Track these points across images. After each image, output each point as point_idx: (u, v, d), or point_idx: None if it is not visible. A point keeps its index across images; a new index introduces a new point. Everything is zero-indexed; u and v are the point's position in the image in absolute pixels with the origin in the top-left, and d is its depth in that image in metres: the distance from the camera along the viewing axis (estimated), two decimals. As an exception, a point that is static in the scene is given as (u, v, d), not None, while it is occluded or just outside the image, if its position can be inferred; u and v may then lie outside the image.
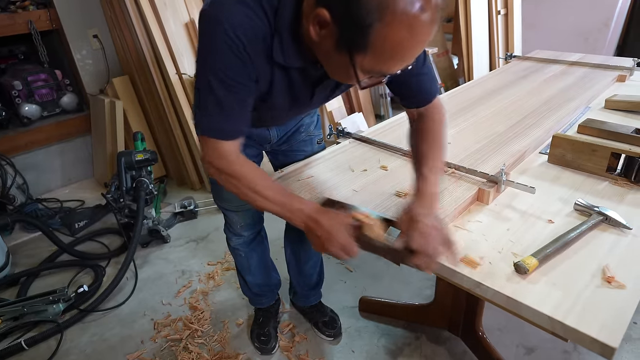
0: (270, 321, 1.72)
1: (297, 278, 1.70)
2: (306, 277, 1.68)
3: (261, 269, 1.61)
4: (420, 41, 0.73)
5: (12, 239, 2.51)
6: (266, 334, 1.67)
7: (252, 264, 1.57)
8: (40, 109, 2.92)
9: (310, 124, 1.36)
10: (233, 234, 1.48)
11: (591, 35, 3.86)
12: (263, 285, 1.65)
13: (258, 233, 1.53)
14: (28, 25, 2.72)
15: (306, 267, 1.64)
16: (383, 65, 0.76)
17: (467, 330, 1.57)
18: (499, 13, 3.71)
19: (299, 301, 1.79)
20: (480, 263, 0.85)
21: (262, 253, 1.59)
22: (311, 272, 1.67)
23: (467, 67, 3.77)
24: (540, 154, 1.29)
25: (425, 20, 0.69)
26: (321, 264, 1.71)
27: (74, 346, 1.75)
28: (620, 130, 1.30)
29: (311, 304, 1.76)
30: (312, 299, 1.75)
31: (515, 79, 1.93)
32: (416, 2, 0.67)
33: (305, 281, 1.69)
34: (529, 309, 0.75)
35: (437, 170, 0.95)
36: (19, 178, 2.77)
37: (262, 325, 1.70)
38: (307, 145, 1.37)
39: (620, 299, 0.75)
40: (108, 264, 2.24)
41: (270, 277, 1.67)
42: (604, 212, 0.94)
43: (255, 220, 1.46)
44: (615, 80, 1.85)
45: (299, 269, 1.65)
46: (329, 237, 0.85)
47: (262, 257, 1.59)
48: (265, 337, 1.66)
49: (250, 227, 1.46)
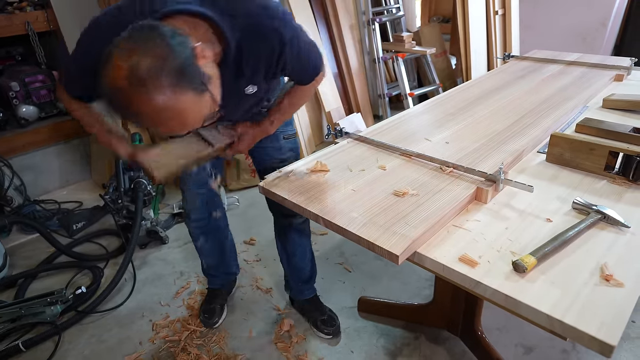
0: (217, 299, 1.85)
1: (289, 272, 1.76)
2: (297, 271, 1.73)
3: (214, 253, 1.77)
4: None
5: (10, 241, 2.50)
6: (210, 310, 1.81)
7: (204, 248, 1.72)
8: (38, 110, 2.91)
9: None
10: (187, 216, 1.64)
11: (589, 35, 3.87)
12: (216, 268, 1.82)
13: (208, 220, 1.64)
14: (25, 26, 2.72)
15: (294, 260, 1.70)
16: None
17: (466, 330, 1.57)
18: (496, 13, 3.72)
19: (294, 295, 1.83)
20: (479, 262, 0.85)
21: (217, 238, 1.73)
22: (301, 265, 1.71)
23: (465, 67, 3.78)
24: (538, 153, 1.29)
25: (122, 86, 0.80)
26: (312, 257, 1.75)
27: (72, 348, 1.75)
28: (618, 129, 1.30)
29: (305, 297, 1.79)
30: (306, 293, 1.79)
31: (513, 79, 1.93)
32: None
33: (296, 274, 1.74)
34: (528, 307, 0.74)
35: (282, 118, 1.30)
36: (17, 179, 2.76)
37: (209, 301, 1.85)
38: (274, 142, 1.44)
39: (619, 297, 0.75)
40: (106, 266, 2.24)
41: (225, 263, 1.83)
42: (602, 210, 0.94)
43: (199, 205, 1.58)
44: (613, 80, 1.85)
45: (289, 262, 1.71)
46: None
47: (215, 243, 1.74)
48: (209, 313, 1.81)
49: (197, 211, 1.59)
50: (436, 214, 0.96)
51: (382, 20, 3.62)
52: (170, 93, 0.80)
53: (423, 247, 0.91)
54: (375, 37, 3.61)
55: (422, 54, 3.68)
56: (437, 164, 1.19)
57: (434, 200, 1.02)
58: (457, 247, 0.90)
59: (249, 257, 2.20)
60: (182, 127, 0.88)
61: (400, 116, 1.60)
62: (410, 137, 1.39)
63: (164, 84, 0.78)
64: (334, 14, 3.47)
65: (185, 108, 0.84)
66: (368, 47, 3.71)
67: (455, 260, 0.86)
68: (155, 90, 0.78)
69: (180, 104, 0.82)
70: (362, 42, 3.70)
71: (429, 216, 0.96)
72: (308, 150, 3.35)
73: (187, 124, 0.88)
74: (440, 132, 1.41)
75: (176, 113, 0.83)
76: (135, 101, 0.79)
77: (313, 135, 3.43)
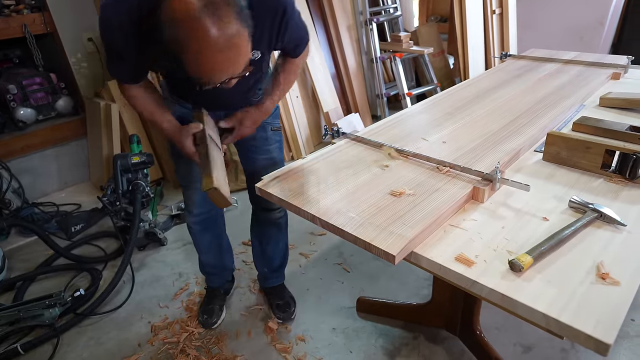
0: (216, 299, 1.86)
1: (260, 260, 1.81)
2: (268, 260, 1.79)
3: (213, 249, 1.76)
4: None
5: (8, 244, 2.49)
6: (209, 311, 1.82)
7: (204, 243, 1.72)
8: (36, 112, 2.91)
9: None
10: (188, 212, 1.64)
11: (586, 34, 3.88)
12: (214, 265, 1.82)
13: (210, 214, 1.65)
14: (22, 29, 2.72)
15: (268, 249, 1.75)
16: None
17: (465, 330, 1.57)
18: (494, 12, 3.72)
19: (262, 283, 1.90)
20: (475, 261, 0.85)
21: (215, 234, 1.74)
22: (272, 254, 1.76)
23: (463, 66, 3.78)
24: (535, 152, 1.29)
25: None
26: (285, 249, 1.79)
27: (70, 350, 1.74)
28: (614, 127, 1.30)
29: (271, 285, 1.85)
30: (274, 281, 1.86)
31: (510, 78, 1.93)
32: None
33: (267, 264, 1.80)
34: (524, 306, 0.74)
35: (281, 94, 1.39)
36: (15, 182, 2.76)
37: (208, 302, 1.86)
38: (261, 132, 1.49)
39: (615, 296, 0.75)
40: (105, 268, 2.23)
41: (222, 259, 1.83)
42: (599, 209, 0.94)
43: (199, 200, 1.59)
44: (609, 78, 1.86)
45: (262, 250, 1.77)
46: (181, 147, 1.24)
47: (214, 238, 1.74)
48: (208, 313, 1.81)
49: (199, 205, 1.59)
50: (433, 213, 0.96)
51: (379, 20, 3.62)
52: (235, 23, 0.88)
53: (420, 247, 0.91)
54: (373, 37, 3.61)
55: (419, 54, 3.68)
56: (434, 163, 1.19)
57: (430, 200, 1.02)
58: (453, 247, 0.90)
59: (248, 258, 2.20)
60: (236, 64, 0.95)
61: (398, 116, 1.60)
62: (407, 137, 1.39)
63: (232, 13, 0.87)
64: (331, 14, 3.47)
65: (241, 43, 0.92)
66: (366, 47, 3.71)
67: (452, 259, 0.86)
68: (227, 17, 0.86)
69: (240, 37, 0.91)
70: (360, 42, 3.71)
71: (426, 216, 0.96)
72: (306, 150, 3.35)
73: (239, 62, 0.95)
74: (437, 132, 1.42)
75: (236, 46, 0.91)
76: (207, 28, 0.85)
77: (311, 136, 3.43)
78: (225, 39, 0.88)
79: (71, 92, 3.07)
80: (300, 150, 3.30)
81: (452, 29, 3.99)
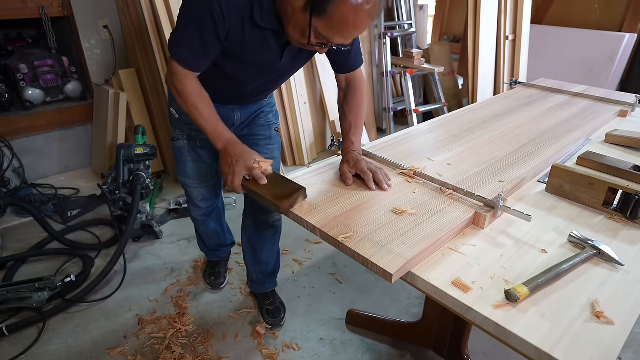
0: (221, 264, 2.04)
1: (253, 266, 1.79)
2: (262, 265, 1.78)
3: (217, 233, 1.90)
4: (358, 25, 1.00)
5: (3, 222, 2.49)
6: (216, 273, 2.01)
7: (209, 230, 1.86)
8: (44, 94, 2.91)
9: (269, 113, 1.55)
10: (194, 206, 1.72)
11: (596, 67, 3.91)
12: (217, 245, 1.96)
13: (214, 206, 1.77)
14: (39, 10, 2.73)
15: (262, 255, 1.75)
16: (329, 32, 1.01)
17: (453, 352, 1.56)
18: (507, 38, 3.75)
19: (255, 288, 1.88)
20: (472, 287, 0.85)
21: (218, 221, 1.88)
22: (267, 260, 1.76)
23: (472, 88, 3.80)
24: (538, 182, 1.29)
25: (366, 9, 0.98)
26: (278, 253, 1.80)
27: (55, 336, 1.73)
28: (619, 165, 1.31)
29: (266, 291, 1.85)
30: (268, 286, 1.85)
31: (518, 106, 1.94)
32: None
33: (261, 269, 1.78)
34: (517, 338, 0.74)
35: (360, 135, 1.34)
36: (16, 161, 2.76)
37: (214, 267, 2.02)
38: (266, 130, 1.53)
39: (609, 335, 0.75)
40: (98, 256, 2.23)
41: (225, 239, 1.98)
42: (598, 246, 0.94)
43: (212, 194, 1.70)
44: (617, 115, 1.87)
45: (255, 257, 1.76)
46: (230, 164, 1.14)
47: (218, 225, 1.88)
48: (215, 276, 2.00)
49: (207, 200, 1.70)
50: (433, 235, 0.97)
51: (393, 35, 3.65)
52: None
53: (417, 268, 0.91)
54: (386, 52, 3.63)
55: (430, 72, 3.71)
56: (438, 184, 1.20)
57: (432, 221, 1.02)
58: (451, 271, 0.90)
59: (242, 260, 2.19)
60: (362, 31, 1.07)
61: (404, 133, 1.60)
62: (412, 155, 1.40)
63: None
64: (346, 24, 3.49)
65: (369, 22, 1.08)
66: (377, 60, 3.74)
67: (449, 283, 0.86)
68: (378, 7, 1.03)
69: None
70: (372, 55, 3.73)
71: (426, 237, 0.96)
72: (309, 157, 3.36)
73: (363, 30, 1.08)
74: (443, 153, 1.42)
75: (372, 17, 1.04)
76: (370, 15, 1.00)
77: (315, 143, 3.44)
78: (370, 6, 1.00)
79: (81, 77, 3.08)
80: (303, 156, 3.30)
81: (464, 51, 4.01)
